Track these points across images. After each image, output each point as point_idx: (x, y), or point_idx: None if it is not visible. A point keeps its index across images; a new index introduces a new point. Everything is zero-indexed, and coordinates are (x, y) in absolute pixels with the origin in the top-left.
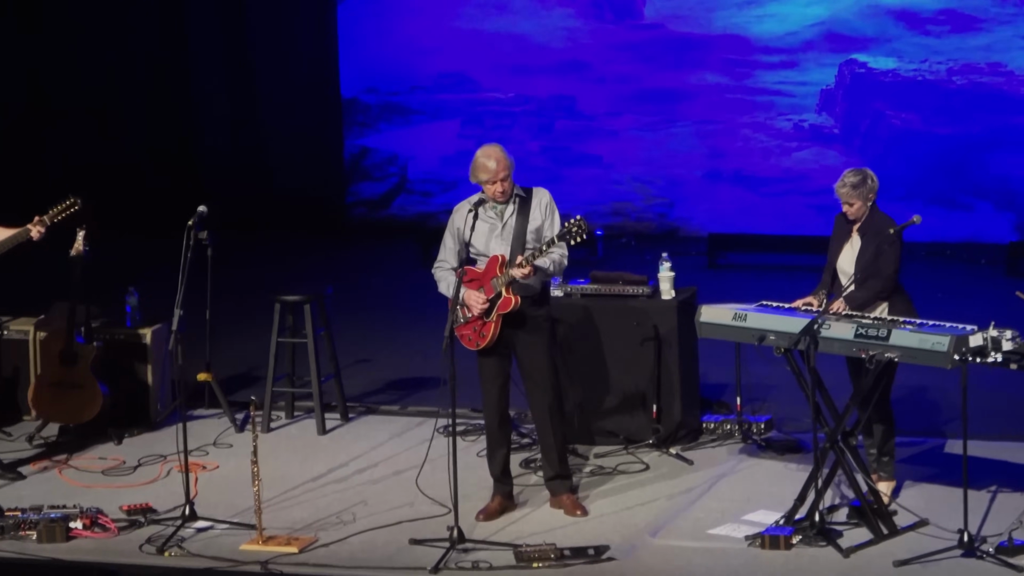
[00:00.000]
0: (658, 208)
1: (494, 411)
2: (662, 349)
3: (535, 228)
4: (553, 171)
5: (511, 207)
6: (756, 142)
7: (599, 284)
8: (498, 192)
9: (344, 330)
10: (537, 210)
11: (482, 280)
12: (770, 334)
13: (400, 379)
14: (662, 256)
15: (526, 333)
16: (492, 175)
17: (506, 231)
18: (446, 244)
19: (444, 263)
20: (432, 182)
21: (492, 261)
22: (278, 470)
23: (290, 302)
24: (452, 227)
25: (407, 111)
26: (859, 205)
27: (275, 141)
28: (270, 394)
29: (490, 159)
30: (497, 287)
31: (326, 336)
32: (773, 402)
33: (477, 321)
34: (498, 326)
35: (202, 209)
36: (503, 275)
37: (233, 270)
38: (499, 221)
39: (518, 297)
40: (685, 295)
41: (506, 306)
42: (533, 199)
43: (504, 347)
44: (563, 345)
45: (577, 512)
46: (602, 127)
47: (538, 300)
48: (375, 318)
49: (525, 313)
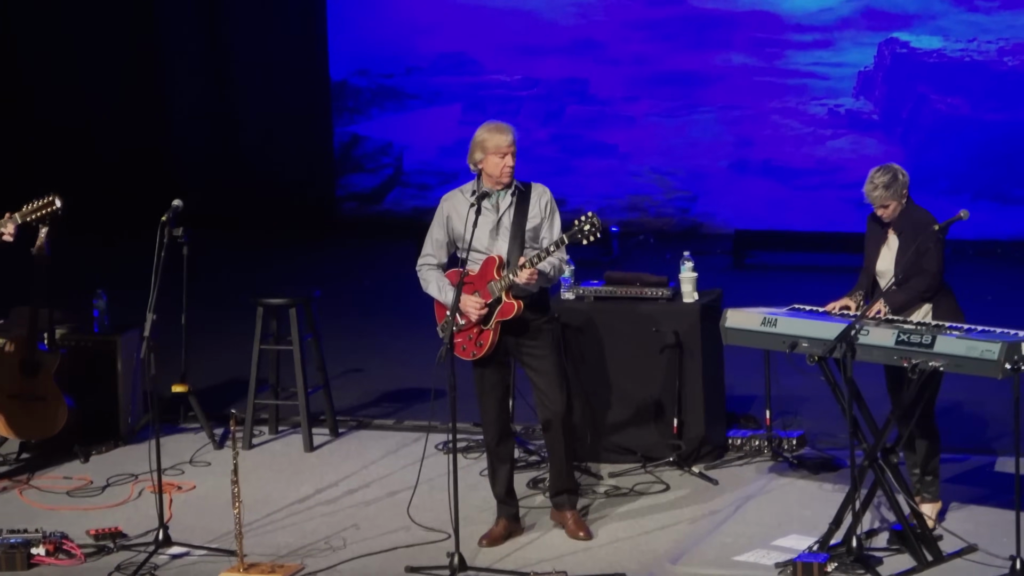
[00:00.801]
0: (679, 202)
1: (493, 426)
2: (683, 357)
3: (533, 227)
4: (563, 162)
5: (508, 199)
6: (787, 129)
7: (614, 286)
8: (507, 168)
9: (334, 337)
10: (536, 207)
11: (476, 284)
12: (802, 341)
13: (395, 390)
14: (683, 255)
15: (529, 340)
16: (505, 145)
17: (502, 227)
18: (433, 237)
19: (430, 258)
20: (430, 174)
21: (488, 263)
22: (261, 491)
23: (274, 306)
24: (442, 217)
25: (402, 95)
26: (894, 206)
27: (256, 130)
28: (252, 407)
29: (501, 130)
30: (495, 292)
31: (313, 343)
32: (806, 416)
33: (472, 329)
34: (497, 334)
35: (177, 203)
36: (502, 279)
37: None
38: (494, 214)
39: (520, 302)
40: (709, 298)
41: (507, 312)
42: (532, 194)
43: (503, 356)
44: (574, 353)
45: (580, 534)
46: (617, 113)
47: (538, 303)
48: (368, 323)
49: (525, 319)
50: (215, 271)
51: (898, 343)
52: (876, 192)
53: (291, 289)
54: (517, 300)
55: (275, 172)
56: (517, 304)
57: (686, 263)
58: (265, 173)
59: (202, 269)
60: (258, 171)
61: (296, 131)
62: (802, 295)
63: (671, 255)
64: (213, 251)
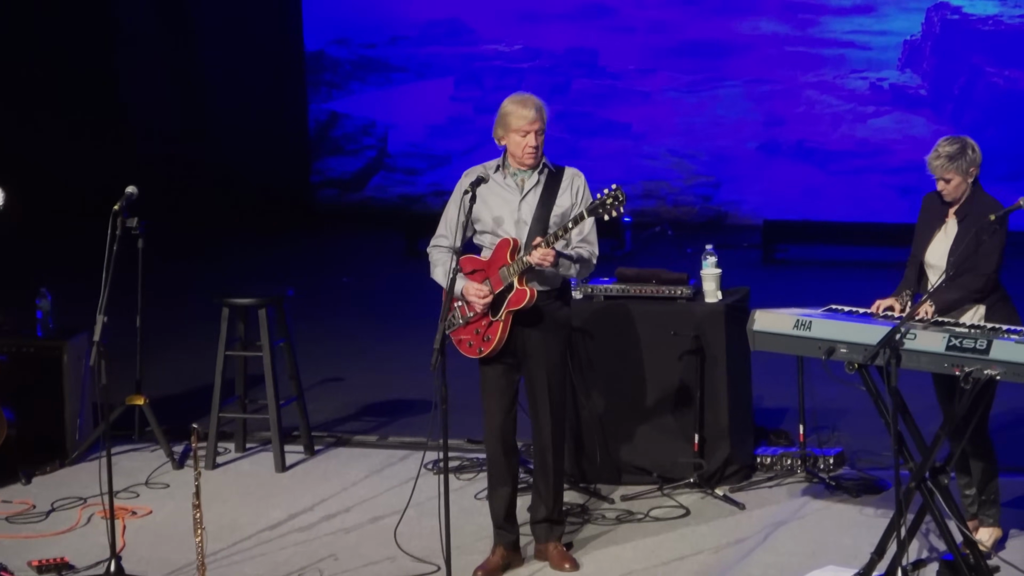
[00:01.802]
0: (701, 188)
1: (497, 437)
2: (706, 365)
3: (561, 213)
4: (569, 143)
5: (535, 177)
6: (823, 106)
7: (627, 284)
8: (529, 148)
9: (309, 341)
10: (567, 193)
11: (488, 270)
12: (841, 346)
13: (379, 402)
14: (706, 249)
15: (542, 335)
16: (527, 123)
17: (524, 208)
18: (448, 216)
19: (444, 239)
20: (418, 156)
21: (502, 246)
22: (226, 516)
23: (241, 306)
24: (459, 195)
25: (386, 68)
26: (957, 182)
27: (222, 107)
28: (216, 421)
29: (525, 104)
30: (508, 277)
31: (286, 348)
32: (845, 431)
33: (480, 321)
34: (507, 327)
35: (131, 190)
36: (515, 263)
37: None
38: (517, 193)
39: (534, 289)
40: (735, 297)
41: (519, 300)
42: (564, 178)
43: (512, 355)
44: (582, 359)
45: (566, 565)
46: (631, 88)
47: (556, 295)
48: (348, 326)
49: (542, 310)
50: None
51: (949, 349)
52: (938, 161)
53: (261, 287)
54: (531, 287)
55: (243, 155)
56: (530, 291)
57: (709, 258)
58: (231, 157)
59: (160, 264)
60: (224, 155)
61: (266, 109)
62: (840, 294)
63: (692, 249)
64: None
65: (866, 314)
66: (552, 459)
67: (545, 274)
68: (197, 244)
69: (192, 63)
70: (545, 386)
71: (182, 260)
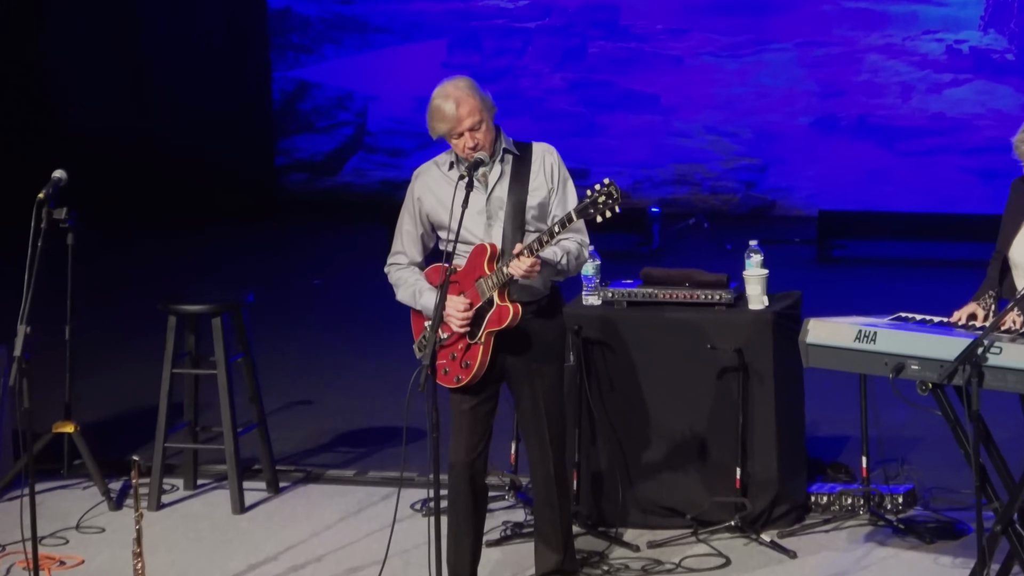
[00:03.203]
0: (743, 173)
1: (463, 476)
2: (749, 384)
3: (537, 203)
4: (585, 118)
5: (497, 168)
6: (890, 74)
7: (654, 287)
8: (468, 148)
9: (273, 356)
10: (540, 175)
11: (461, 282)
12: (911, 362)
13: (356, 430)
14: (749, 245)
15: (531, 357)
16: (453, 123)
17: (492, 206)
18: (402, 228)
19: (399, 257)
20: (404, 134)
21: (476, 255)
22: (174, 565)
23: (192, 314)
24: (411, 200)
25: (365, 28)
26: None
27: (167, 77)
28: (162, 452)
29: (448, 99)
30: (486, 291)
31: (246, 365)
32: (916, 464)
33: (457, 344)
34: (489, 350)
35: (59, 175)
36: (495, 274)
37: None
38: (483, 190)
39: (518, 305)
40: (784, 303)
41: (502, 318)
42: (533, 160)
43: (494, 382)
44: (600, 378)
45: None
46: (659, 52)
47: (545, 309)
48: (319, 338)
49: (527, 329)
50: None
51: None
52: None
53: (215, 291)
54: (514, 303)
55: (193, 134)
56: (513, 308)
57: (753, 256)
58: (179, 136)
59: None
60: (170, 133)
61: (221, 78)
62: (910, 299)
63: (732, 245)
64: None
65: (942, 324)
66: (558, 495)
67: (529, 283)
68: (139, 239)
69: (130, 23)
70: (540, 415)
71: (121, 258)
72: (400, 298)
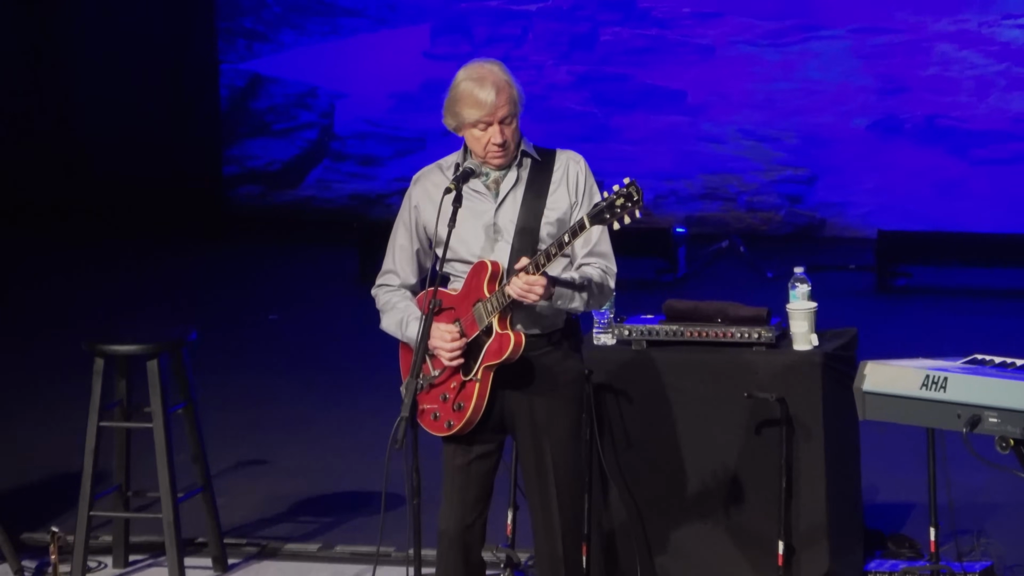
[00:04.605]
0: (787, 186)
1: (455, 547)
2: (794, 440)
3: (556, 219)
4: (597, 120)
5: (513, 174)
6: (963, 67)
7: (680, 323)
8: (494, 144)
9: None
10: (562, 186)
11: (458, 308)
12: (990, 414)
13: (321, 495)
14: (795, 273)
15: (540, 400)
16: (486, 111)
17: (503, 217)
18: (395, 243)
19: (390, 277)
20: (379, 139)
21: (476, 274)
22: None
23: (123, 355)
24: (408, 210)
25: (332, 10)
26: None
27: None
28: (87, 522)
29: (484, 83)
30: (485, 317)
31: (188, 417)
32: (995, 537)
33: (450, 382)
34: (487, 389)
35: None
36: (495, 296)
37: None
38: (491, 199)
39: (520, 334)
40: (837, 343)
41: (500, 350)
42: (555, 168)
43: (495, 431)
44: (614, 432)
45: None
46: (685, 40)
47: (560, 344)
48: (276, 385)
49: (537, 368)
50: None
51: None
52: None
53: (151, 328)
54: (516, 332)
55: (123, 138)
56: (515, 337)
57: (799, 286)
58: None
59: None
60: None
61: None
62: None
63: (774, 272)
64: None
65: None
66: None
67: (537, 310)
68: (59, 264)
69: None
70: (548, 476)
71: (36, 287)
72: (384, 326)
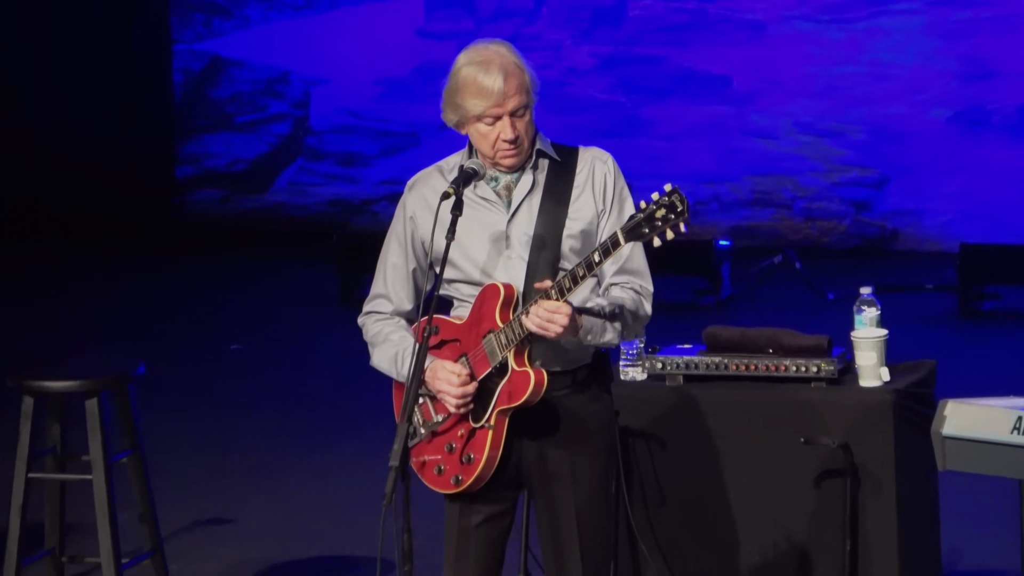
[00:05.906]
0: (852, 189)
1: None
2: (860, 493)
3: (580, 230)
4: (625, 110)
5: (528, 177)
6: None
7: (723, 354)
8: (504, 141)
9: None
10: (587, 191)
11: (464, 339)
12: None
13: (294, 561)
14: (861, 295)
15: (562, 455)
16: (494, 101)
17: (517, 230)
18: (388, 262)
19: (380, 303)
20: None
21: (486, 297)
22: None
23: (56, 393)
24: (403, 222)
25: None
26: None
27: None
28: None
29: (490, 68)
30: (498, 352)
31: (134, 467)
32: None
33: (456, 429)
34: (501, 438)
35: None
36: (509, 325)
37: None
38: (502, 208)
39: (541, 372)
40: (911, 378)
41: (519, 392)
42: (578, 170)
43: (509, 487)
44: (645, 481)
45: None
46: (728, 16)
47: (586, 383)
48: (240, 428)
49: (560, 411)
50: None
51: None
52: None
53: (90, 360)
54: (537, 370)
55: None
56: (536, 376)
57: (866, 310)
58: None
59: None
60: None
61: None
62: None
63: (835, 294)
64: None
65: None
66: None
67: (561, 343)
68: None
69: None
70: (572, 538)
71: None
72: (376, 362)
